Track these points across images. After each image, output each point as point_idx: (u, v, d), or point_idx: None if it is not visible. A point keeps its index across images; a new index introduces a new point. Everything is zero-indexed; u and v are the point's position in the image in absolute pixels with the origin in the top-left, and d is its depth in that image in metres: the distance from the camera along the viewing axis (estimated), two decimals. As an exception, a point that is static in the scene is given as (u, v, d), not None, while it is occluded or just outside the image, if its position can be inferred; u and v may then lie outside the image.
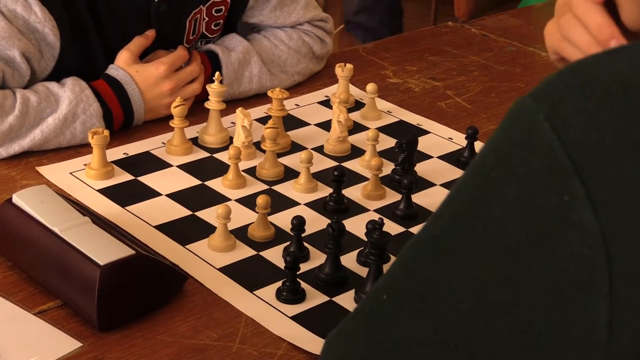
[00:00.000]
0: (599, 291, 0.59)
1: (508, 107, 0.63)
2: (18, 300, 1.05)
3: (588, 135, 0.60)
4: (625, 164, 0.59)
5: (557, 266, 0.60)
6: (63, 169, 1.32)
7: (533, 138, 0.62)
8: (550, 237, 0.60)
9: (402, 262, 0.69)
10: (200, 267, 1.13)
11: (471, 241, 0.63)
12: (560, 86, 0.63)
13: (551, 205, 0.60)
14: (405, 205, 1.26)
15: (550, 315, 0.60)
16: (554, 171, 0.60)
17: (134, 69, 1.43)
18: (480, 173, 0.65)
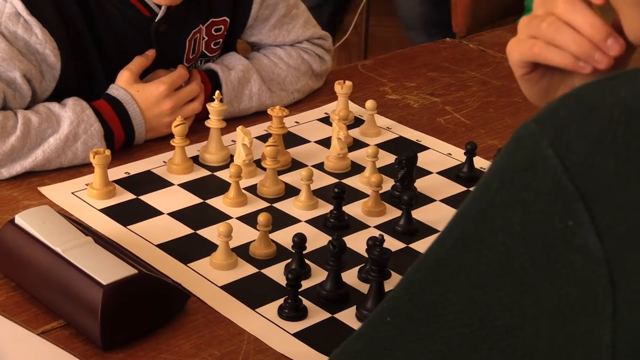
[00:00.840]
0: (602, 315, 0.59)
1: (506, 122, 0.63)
2: (22, 321, 1.05)
3: (592, 161, 0.60)
4: (629, 190, 0.60)
5: (562, 290, 0.60)
6: (65, 188, 1.32)
7: (537, 163, 0.62)
8: (554, 261, 0.61)
9: (406, 284, 0.69)
10: (203, 285, 1.13)
11: (475, 265, 0.64)
12: (564, 112, 0.63)
13: (555, 230, 0.60)
14: (406, 222, 1.26)
15: (554, 339, 0.61)
16: (558, 196, 0.61)
17: (134, 88, 1.44)
18: (484, 197, 0.65)
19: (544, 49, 0.92)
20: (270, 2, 1.60)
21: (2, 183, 1.33)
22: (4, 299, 1.09)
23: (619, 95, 0.63)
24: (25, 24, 1.37)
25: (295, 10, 1.63)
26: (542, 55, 0.93)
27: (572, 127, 0.62)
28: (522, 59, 0.95)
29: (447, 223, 0.68)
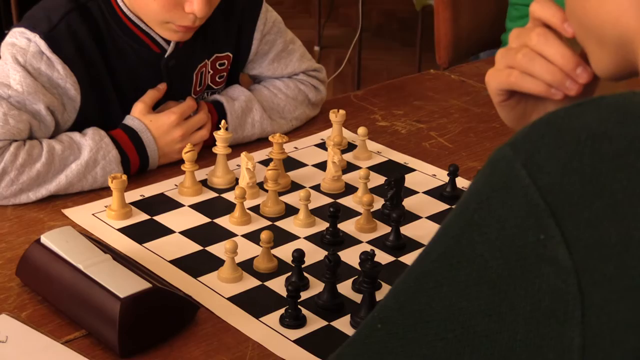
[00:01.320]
0: (572, 320, 0.59)
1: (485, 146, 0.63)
2: (47, 331, 1.05)
3: (561, 180, 0.61)
4: (594, 206, 0.60)
5: (535, 298, 0.60)
6: (86, 210, 1.33)
7: (511, 183, 0.62)
8: (528, 272, 0.61)
9: (394, 294, 0.69)
10: (211, 297, 1.13)
11: (457, 276, 0.64)
12: (535, 136, 0.63)
13: (528, 244, 0.61)
14: (395, 237, 1.26)
15: (529, 341, 0.61)
16: (531, 213, 0.61)
17: (148, 118, 1.44)
18: (464, 215, 0.65)
19: (520, 78, 0.93)
20: (269, 39, 1.60)
21: (29, 206, 1.33)
22: (31, 311, 1.09)
23: (585, 121, 0.63)
24: (48, 61, 1.37)
25: (292, 45, 1.64)
26: (517, 83, 0.93)
27: (542, 150, 0.62)
28: (500, 87, 0.96)
29: (431, 238, 0.68)
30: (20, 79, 1.35)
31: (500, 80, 0.95)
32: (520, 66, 0.92)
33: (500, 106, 0.98)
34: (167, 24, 1.40)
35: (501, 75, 0.95)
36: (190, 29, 1.41)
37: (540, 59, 0.91)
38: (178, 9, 1.36)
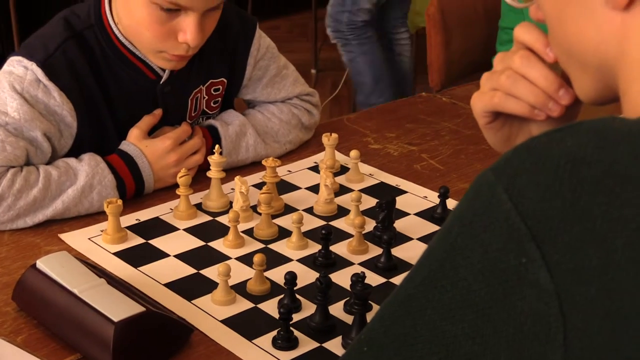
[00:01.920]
0: (554, 342, 0.59)
1: (476, 167, 0.64)
2: (43, 355, 1.04)
3: (542, 205, 0.61)
4: (574, 230, 0.60)
5: (517, 320, 0.60)
6: (82, 235, 1.33)
7: (493, 208, 0.63)
8: (510, 295, 0.61)
9: (380, 317, 0.69)
10: (205, 319, 1.13)
11: (441, 300, 0.64)
12: (516, 161, 0.64)
13: (510, 267, 0.61)
14: (386, 259, 1.26)
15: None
16: (512, 237, 0.61)
17: (143, 144, 1.44)
18: (447, 239, 0.65)
19: (504, 99, 0.93)
20: (263, 64, 1.61)
21: (26, 230, 1.33)
22: (27, 335, 1.09)
23: (565, 146, 0.63)
24: (45, 89, 1.38)
25: (285, 70, 1.64)
26: (501, 104, 0.93)
27: (524, 175, 0.63)
28: (485, 109, 0.96)
29: (416, 262, 0.68)
30: (17, 106, 1.35)
31: (484, 102, 0.95)
32: (504, 88, 0.93)
33: (486, 128, 0.99)
34: (160, 53, 1.40)
35: (485, 97, 0.95)
36: (183, 57, 1.42)
37: (524, 81, 0.92)
38: (171, 38, 1.37)
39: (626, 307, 0.59)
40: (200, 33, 1.36)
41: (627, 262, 0.59)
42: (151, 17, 1.35)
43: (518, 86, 0.92)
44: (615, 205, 0.60)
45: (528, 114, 0.92)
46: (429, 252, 0.68)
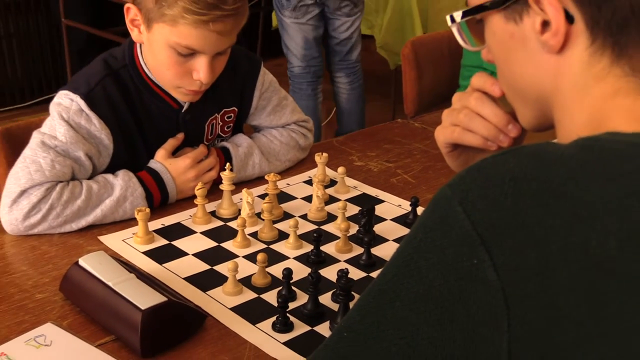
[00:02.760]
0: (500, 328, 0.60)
1: (442, 181, 0.63)
2: (84, 336, 1.05)
3: (489, 215, 0.61)
4: (517, 236, 0.60)
5: (470, 311, 0.61)
6: (117, 237, 1.33)
7: (449, 218, 0.63)
8: (464, 289, 0.61)
9: (358, 308, 0.69)
10: (216, 307, 1.13)
11: (407, 294, 0.64)
12: (469, 179, 0.64)
13: (464, 267, 0.61)
14: (367, 257, 1.26)
15: (466, 347, 0.61)
16: (465, 242, 0.62)
17: (168, 162, 1.45)
18: (413, 243, 0.66)
19: (462, 134, 0.94)
20: (266, 96, 1.61)
21: (72, 234, 1.33)
22: (71, 320, 1.10)
23: (509, 167, 0.63)
24: (87, 117, 1.38)
25: (285, 101, 1.65)
26: (460, 138, 0.94)
27: (475, 191, 0.63)
28: (446, 142, 0.96)
29: (387, 261, 0.68)
30: (64, 131, 1.36)
31: (446, 136, 0.96)
32: (462, 124, 0.93)
33: (447, 156, 0.99)
34: (179, 89, 1.41)
35: (447, 131, 0.95)
36: (197, 92, 1.42)
37: (478, 118, 0.92)
38: (187, 76, 1.37)
39: (560, 300, 0.59)
40: (211, 72, 1.37)
41: (560, 263, 0.60)
42: (170, 60, 1.36)
43: (474, 122, 0.92)
44: (550, 216, 0.61)
45: (482, 145, 0.93)
46: (397, 254, 0.68)
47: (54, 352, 1.01)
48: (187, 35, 1.31)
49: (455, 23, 0.83)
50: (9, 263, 1.24)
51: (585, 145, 0.66)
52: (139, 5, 1.35)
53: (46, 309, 1.12)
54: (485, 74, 0.92)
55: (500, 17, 0.77)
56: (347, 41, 3.38)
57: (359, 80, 3.52)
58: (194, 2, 1.28)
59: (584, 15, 0.71)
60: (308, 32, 3.26)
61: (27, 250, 1.28)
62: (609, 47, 0.72)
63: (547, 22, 0.73)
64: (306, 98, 3.35)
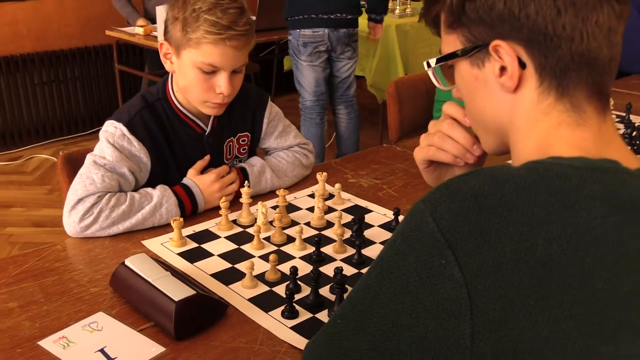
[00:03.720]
0: (464, 317, 0.60)
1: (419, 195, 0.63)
2: (128, 323, 1.05)
3: (454, 224, 0.61)
4: (477, 241, 0.60)
5: (440, 302, 0.61)
6: (156, 241, 1.32)
7: (422, 226, 0.63)
8: (435, 285, 0.61)
9: (349, 299, 0.69)
10: (236, 298, 1.12)
11: (389, 288, 0.64)
12: (438, 195, 0.64)
13: (435, 266, 0.61)
14: (358, 257, 1.26)
15: (437, 332, 0.61)
16: (435, 245, 0.62)
17: (197, 178, 1.44)
18: (393, 247, 0.66)
19: (436, 152, 0.93)
20: (273, 124, 1.61)
21: (120, 239, 1.32)
22: (118, 309, 1.09)
23: (470, 184, 0.63)
24: (128, 140, 1.39)
25: (289, 128, 1.64)
26: (435, 155, 0.93)
27: (443, 205, 0.63)
28: (423, 159, 0.96)
29: (373, 261, 0.68)
30: (111, 152, 1.36)
31: (422, 154, 0.95)
32: (436, 144, 0.93)
33: (424, 172, 0.98)
34: (205, 103, 1.41)
35: (423, 151, 0.95)
36: (221, 105, 1.43)
37: (450, 140, 0.92)
38: (212, 91, 1.39)
39: (512, 293, 0.59)
40: (230, 87, 1.38)
41: (512, 263, 0.59)
42: (197, 77, 1.37)
43: (446, 143, 0.92)
44: (504, 224, 0.60)
45: (452, 161, 0.92)
46: (380, 256, 0.67)
47: (105, 336, 1.01)
48: (209, 53, 1.34)
49: (431, 68, 0.83)
50: (69, 263, 1.24)
51: (532, 168, 0.65)
52: (169, 39, 1.39)
53: (98, 300, 1.11)
54: (455, 104, 0.92)
55: (467, 63, 0.77)
56: (347, 79, 3.42)
57: (355, 111, 3.54)
58: (212, 25, 1.32)
59: (534, 62, 0.71)
60: (319, 73, 3.30)
61: (84, 252, 1.28)
62: (554, 88, 0.71)
63: (504, 67, 0.73)
64: (315, 126, 3.38)
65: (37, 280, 1.17)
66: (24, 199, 3.48)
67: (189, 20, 1.33)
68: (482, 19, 0.72)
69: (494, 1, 0.70)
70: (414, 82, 2.33)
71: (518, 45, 0.71)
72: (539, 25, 0.69)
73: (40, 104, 4.26)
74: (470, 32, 0.74)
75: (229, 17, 1.32)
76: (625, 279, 0.60)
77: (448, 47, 0.78)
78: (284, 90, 4.63)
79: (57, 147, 4.23)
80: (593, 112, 0.71)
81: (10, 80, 4.09)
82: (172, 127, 1.46)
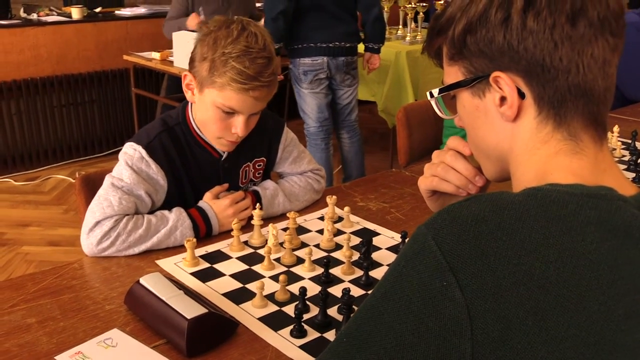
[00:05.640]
0: (465, 336, 0.60)
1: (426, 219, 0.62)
2: (142, 339, 1.06)
3: (456, 248, 0.62)
4: (477, 265, 0.61)
5: (442, 322, 0.61)
6: (170, 261, 1.34)
7: (425, 250, 0.64)
8: (437, 305, 0.62)
9: (355, 319, 0.69)
10: (247, 317, 1.13)
11: (393, 308, 0.65)
12: (440, 220, 0.65)
13: (437, 287, 0.62)
14: (366, 278, 1.26)
15: (439, 351, 0.62)
16: (437, 268, 0.62)
17: (212, 202, 1.46)
18: (397, 268, 0.66)
19: (439, 182, 0.94)
20: (289, 149, 1.63)
21: (135, 258, 1.34)
22: (132, 326, 1.10)
23: (471, 210, 0.65)
24: (147, 163, 1.41)
25: (303, 154, 1.66)
26: (438, 186, 0.95)
27: (445, 229, 0.64)
28: (427, 189, 0.97)
29: (378, 283, 0.69)
30: (129, 175, 1.38)
31: (426, 184, 0.97)
32: (440, 175, 0.94)
33: (428, 200, 1.00)
34: (220, 139, 1.44)
35: (427, 181, 0.97)
36: (234, 143, 1.45)
37: (452, 171, 0.93)
38: (228, 130, 1.41)
39: (511, 314, 0.60)
40: (246, 128, 1.40)
41: (511, 285, 0.60)
42: (216, 116, 1.39)
43: (449, 174, 0.93)
44: (502, 249, 0.61)
45: (455, 192, 0.93)
46: (385, 276, 0.68)
47: (119, 352, 1.03)
48: (230, 98, 1.36)
49: (434, 98, 0.84)
50: (86, 281, 1.26)
51: (531, 194, 0.66)
52: (194, 73, 1.40)
53: (113, 317, 1.13)
54: (458, 138, 0.94)
55: (468, 93, 0.78)
56: (348, 105, 3.45)
57: (357, 135, 3.57)
58: (239, 74, 1.33)
59: (532, 93, 0.73)
60: (321, 99, 3.33)
61: (100, 270, 1.30)
62: (551, 117, 0.73)
63: (504, 97, 0.74)
64: (320, 151, 3.40)
65: (54, 297, 1.19)
66: (41, 218, 3.52)
67: (217, 63, 1.34)
68: (482, 52, 0.74)
69: (494, 35, 0.72)
70: (423, 108, 2.34)
71: (517, 77, 0.73)
72: (536, 58, 0.71)
73: (59, 125, 4.32)
74: (472, 64, 0.76)
75: (255, 68, 1.33)
76: (620, 301, 0.61)
77: (450, 78, 0.80)
78: (296, 115, 4.67)
79: (74, 168, 4.28)
80: (590, 140, 0.73)
81: (29, 102, 4.16)
82: (190, 151, 1.48)
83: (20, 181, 4.07)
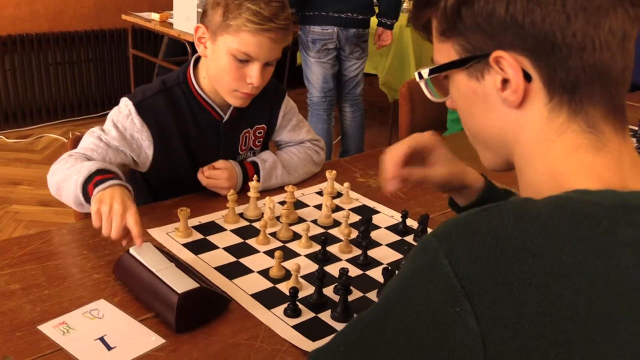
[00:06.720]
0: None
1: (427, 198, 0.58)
2: (130, 312, 1.03)
3: (473, 270, 0.56)
4: (497, 290, 0.55)
5: (451, 348, 0.56)
6: (162, 231, 1.30)
7: (436, 267, 0.57)
8: (447, 331, 0.56)
9: (355, 329, 0.64)
10: (239, 293, 1.11)
11: (395, 325, 0.60)
12: (454, 234, 0.58)
13: (447, 312, 0.56)
14: (364, 257, 1.23)
15: None
16: (450, 291, 0.56)
17: None
18: (403, 282, 0.61)
19: None
20: (288, 117, 1.59)
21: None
22: (120, 297, 1.07)
23: (491, 223, 0.58)
24: (132, 120, 1.38)
25: (302, 123, 1.63)
26: None
27: (460, 246, 0.57)
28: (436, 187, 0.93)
29: (380, 296, 0.63)
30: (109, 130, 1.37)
31: None
32: None
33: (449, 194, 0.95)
34: (234, 92, 1.40)
35: None
36: (249, 95, 1.41)
37: None
38: (242, 80, 1.37)
39: (531, 345, 0.54)
40: (261, 78, 1.37)
41: (534, 316, 0.54)
42: (230, 65, 1.36)
43: None
44: (527, 274, 0.55)
45: None
46: (389, 291, 0.62)
47: (105, 324, 1.00)
48: (246, 42, 1.33)
49: (423, 79, 0.73)
50: (74, 247, 1.22)
51: (558, 205, 0.59)
52: (207, 23, 1.38)
53: (100, 287, 1.09)
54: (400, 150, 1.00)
55: (464, 74, 0.68)
56: (354, 79, 3.40)
57: (360, 110, 3.52)
58: (254, 15, 1.31)
59: (541, 75, 0.63)
60: (327, 70, 3.28)
61: (89, 237, 1.26)
62: (565, 104, 0.64)
63: (507, 80, 0.65)
64: (322, 122, 3.36)
65: (40, 263, 1.15)
66: (32, 177, 3.47)
67: (231, 6, 1.33)
68: (480, 27, 0.64)
69: (495, 6, 0.63)
70: (428, 84, 2.30)
71: (522, 56, 0.63)
72: (546, 33, 0.61)
73: (53, 83, 4.24)
74: (468, 41, 0.66)
75: (271, 9, 1.32)
76: None
77: (441, 57, 0.70)
78: (295, 84, 4.61)
79: (67, 128, 4.22)
80: (612, 132, 0.65)
81: (24, 59, 4.08)
82: (190, 113, 1.44)
83: (12, 138, 4.00)
